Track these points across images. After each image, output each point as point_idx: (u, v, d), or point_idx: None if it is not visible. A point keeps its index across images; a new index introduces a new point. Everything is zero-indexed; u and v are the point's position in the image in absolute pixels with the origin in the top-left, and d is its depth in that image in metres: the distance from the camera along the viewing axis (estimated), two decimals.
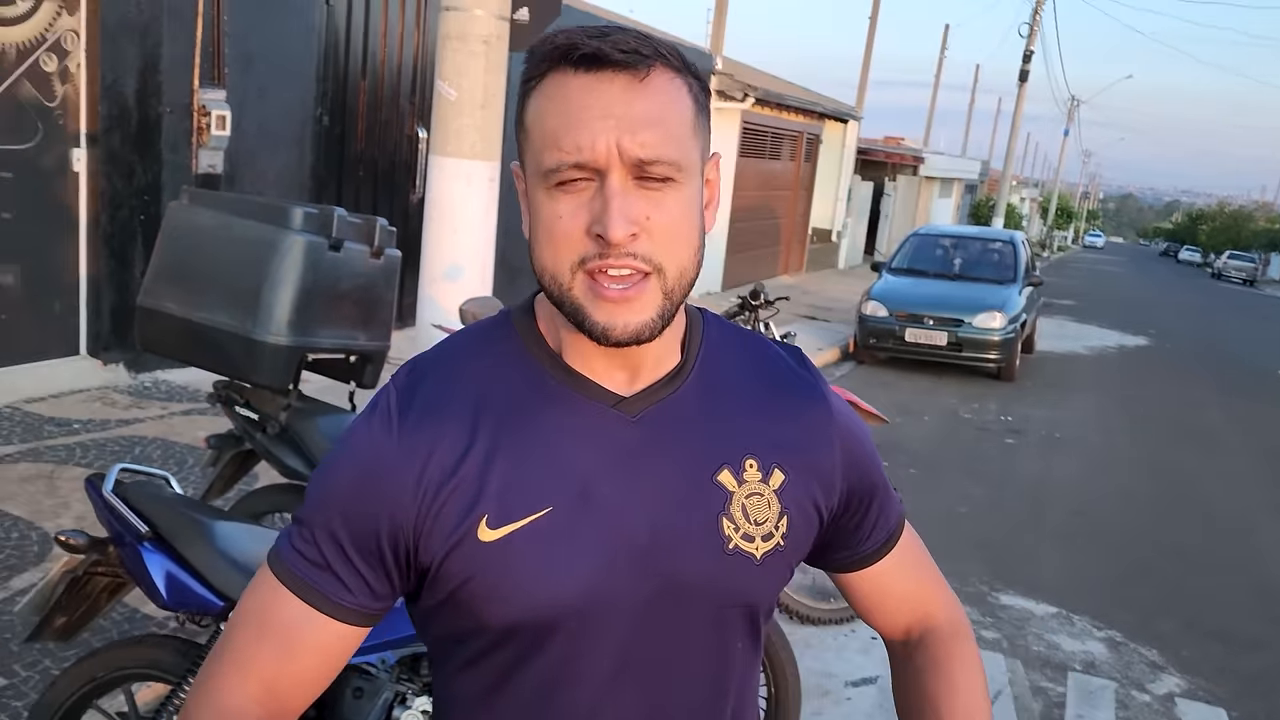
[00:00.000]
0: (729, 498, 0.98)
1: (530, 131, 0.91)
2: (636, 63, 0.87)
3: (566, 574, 0.92)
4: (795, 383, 1.07)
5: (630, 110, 0.86)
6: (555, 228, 0.89)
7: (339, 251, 3.27)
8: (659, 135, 0.87)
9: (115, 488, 2.38)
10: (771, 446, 1.01)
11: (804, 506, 1.03)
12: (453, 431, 0.94)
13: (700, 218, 0.94)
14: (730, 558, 0.97)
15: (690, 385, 1.00)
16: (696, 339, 1.03)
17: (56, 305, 5.94)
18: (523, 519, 0.92)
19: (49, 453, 4.83)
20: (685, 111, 0.91)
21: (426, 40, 8.23)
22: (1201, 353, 15.88)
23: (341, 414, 3.41)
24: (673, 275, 0.90)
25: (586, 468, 0.94)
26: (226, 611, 2.27)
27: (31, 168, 5.66)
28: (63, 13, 5.67)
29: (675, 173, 0.88)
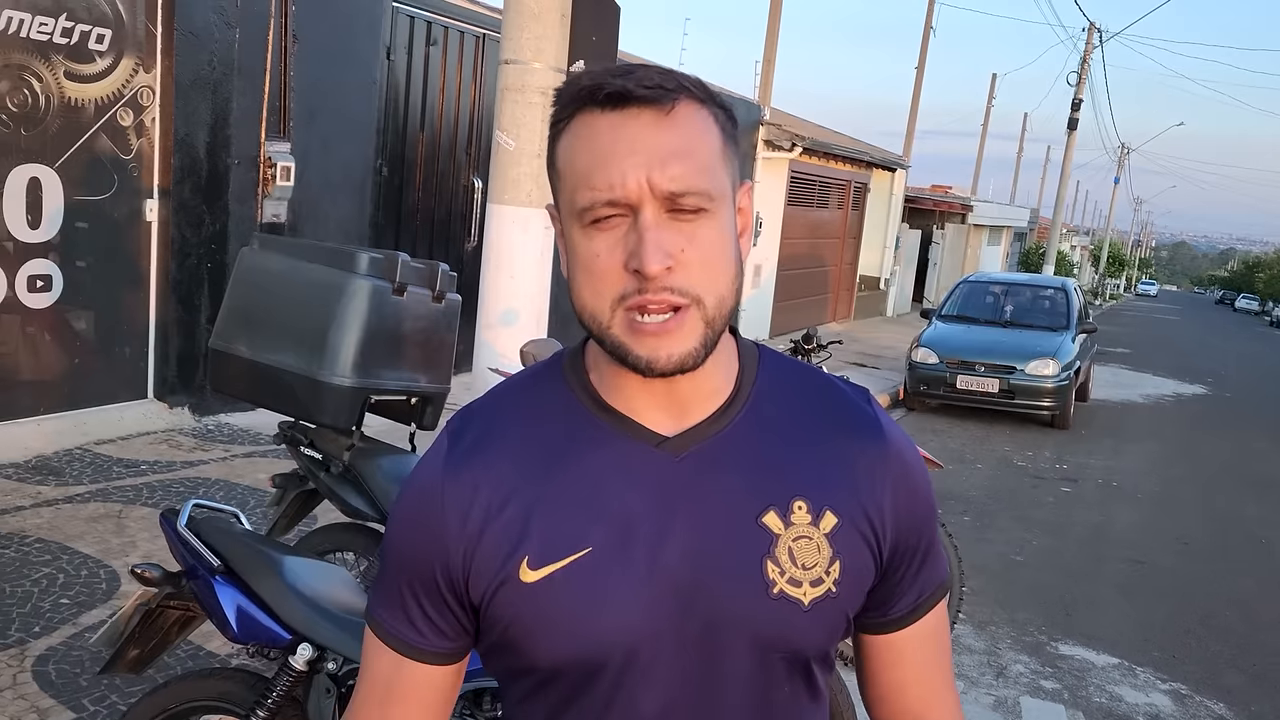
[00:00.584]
0: (774, 540, 0.95)
1: (562, 172, 0.93)
2: (660, 97, 0.88)
3: (607, 613, 0.93)
4: (854, 420, 1.02)
5: (658, 144, 0.87)
6: (593, 266, 0.90)
7: (403, 295, 3.36)
8: (688, 167, 0.88)
9: (188, 523, 2.45)
10: (824, 488, 0.98)
11: (859, 552, 0.98)
12: (497, 473, 0.97)
13: (735, 246, 0.94)
14: (775, 602, 0.94)
15: (739, 423, 0.99)
16: (750, 375, 1.02)
17: (126, 350, 6.13)
18: (563, 559, 0.93)
19: (117, 493, 4.96)
20: (713, 142, 0.91)
21: (483, 93, 8.43)
22: (1262, 401, 15.53)
23: (402, 455, 3.47)
24: (712, 305, 0.90)
25: (627, 508, 0.94)
26: (294, 645, 2.31)
27: (106, 218, 5.88)
28: (139, 70, 5.91)
29: (707, 203, 0.89)
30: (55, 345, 5.73)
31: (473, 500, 0.96)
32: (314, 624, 2.32)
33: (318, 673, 2.36)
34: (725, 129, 0.94)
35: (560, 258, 0.98)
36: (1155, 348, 23.82)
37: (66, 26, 5.49)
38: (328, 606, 2.35)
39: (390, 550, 1.01)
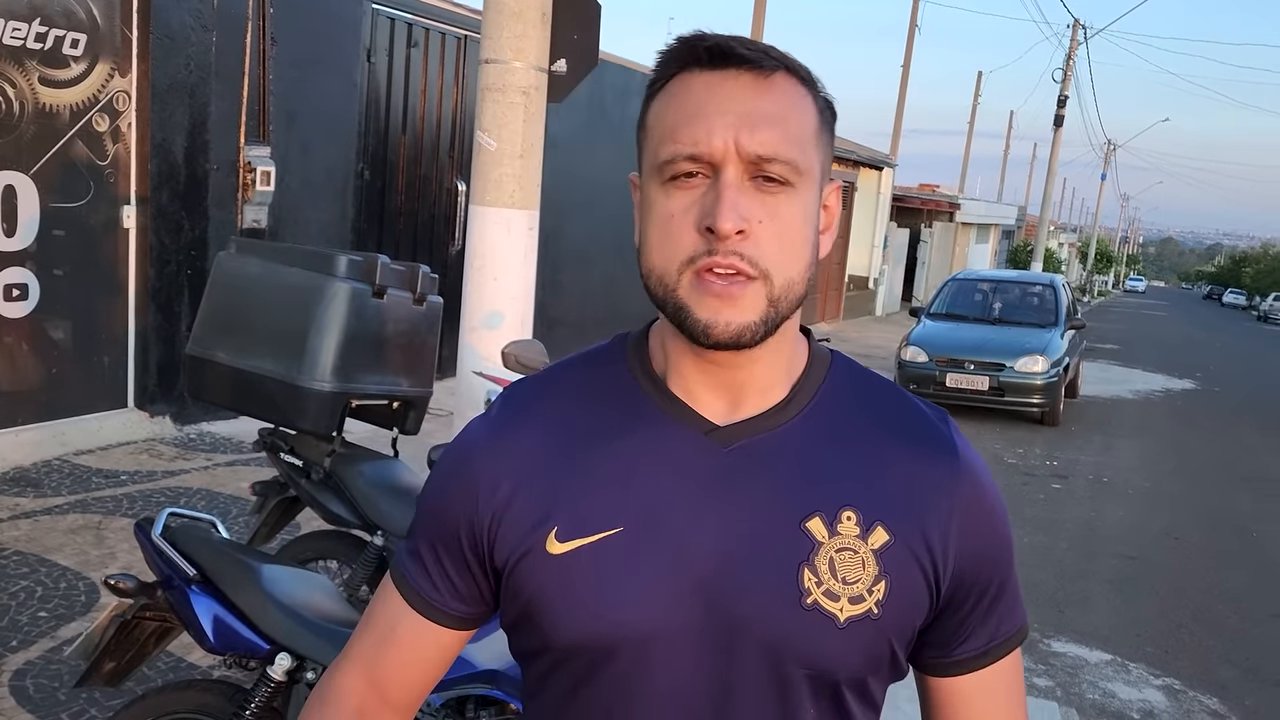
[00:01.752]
0: (815, 548, 0.90)
1: (650, 129, 0.91)
2: (762, 61, 0.86)
3: (628, 596, 0.90)
4: (925, 438, 0.96)
5: (751, 106, 0.85)
6: (667, 225, 0.88)
7: (383, 298, 3.31)
8: (778, 134, 0.85)
9: (164, 532, 2.40)
10: (878, 502, 0.92)
11: (910, 575, 0.91)
12: (538, 442, 0.96)
13: (814, 235, 0.91)
14: (807, 613, 0.88)
15: (797, 423, 0.94)
16: (817, 377, 0.97)
17: (105, 359, 6.06)
18: (592, 535, 0.91)
19: (96, 504, 4.89)
20: (808, 118, 0.89)
21: (465, 95, 8.38)
22: (1251, 396, 15.57)
23: (384, 460, 3.42)
24: (779, 284, 0.87)
25: (665, 493, 0.91)
26: (273, 655, 2.27)
27: (83, 225, 5.81)
28: (115, 75, 5.85)
29: (793, 175, 0.86)
30: (33, 355, 5.65)
31: (509, 465, 0.95)
32: (293, 633, 2.28)
33: (297, 683, 2.32)
34: (823, 114, 0.91)
35: (635, 227, 0.96)
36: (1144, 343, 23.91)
37: (40, 31, 5.43)
38: (307, 615, 2.31)
39: (422, 503, 1.02)
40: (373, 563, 3.24)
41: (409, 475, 3.38)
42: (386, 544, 3.21)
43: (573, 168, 9.73)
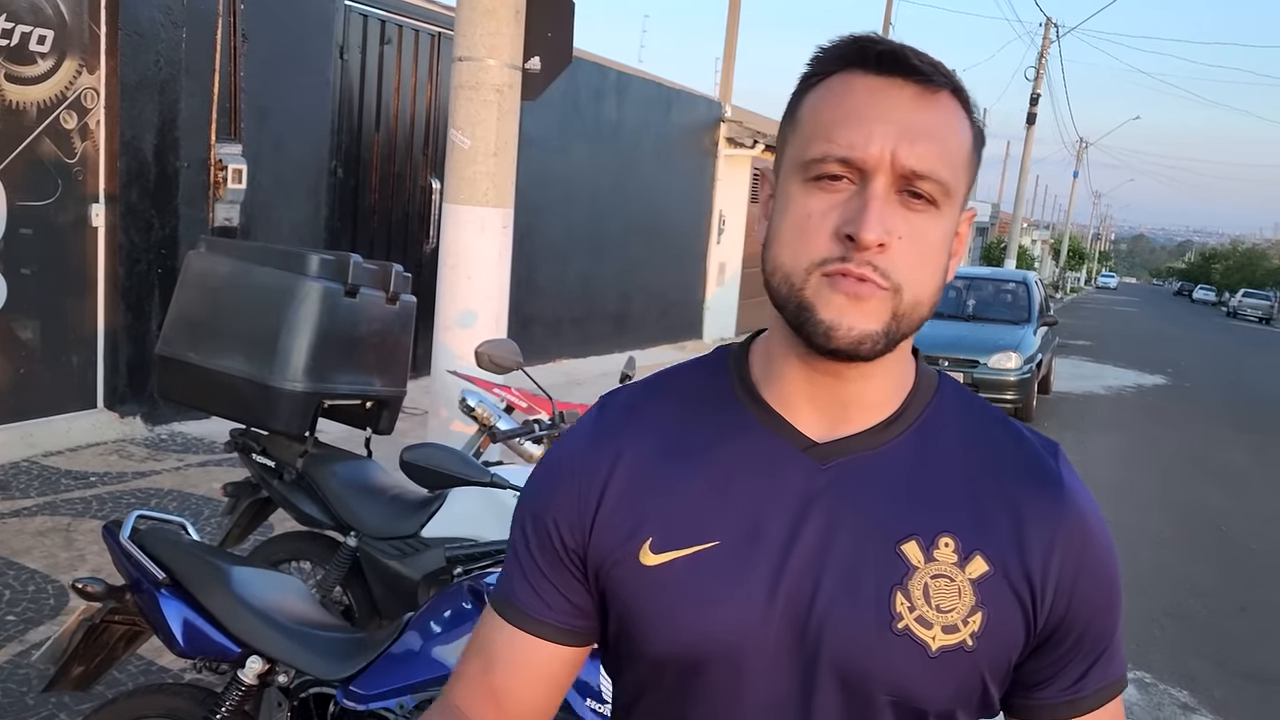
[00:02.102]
0: (910, 572, 0.87)
1: (801, 123, 0.88)
2: (932, 76, 0.84)
3: (719, 611, 0.89)
4: (1032, 470, 0.92)
5: (914, 119, 0.83)
6: (804, 225, 0.85)
7: (355, 298, 3.29)
8: (936, 151, 0.83)
9: (132, 534, 2.37)
10: (979, 531, 0.89)
11: (1008, 610, 0.88)
12: (638, 448, 0.95)
13: (946, 257, 0.89)
14: (897, 639, 0.86)
15: (899, 444, 0.92)
16: (923, 399, 0.95)
17: (74, 359, 5.98)
18: (686, 548, 0.90)
19: (65, 506, 4.83)
20: (964, 143, 0.87)
21: (439, 93, 8.34)
22: (1221, 391, 15.75)
23: (357, 460, 3.40)
24: (908, 300, 0.85)
25: (761, 508, 0.90)
26: (243, 658, 2.25)
27: (51, 224, 5.73)
28: (83, 71, 5.77)
29: (941, 196, 0.85)
30: (0, 355, 5.57)
31: (607, 471, 0.94)
32: (264, 636, 2.26)
33: (269, 686, 2.30)
34: (976, 141, 0.90)
35: (760, 221, 0.94)
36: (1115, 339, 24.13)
37: (6, 27, 5.35)
38: (278, 618, 2.29)
39: (519, 510, 1.01)
40: (346, 563, 3.22)
41: (382, 475, 3.37)
42: (360, 544, 3.19)
43: (547, 166, 9.70)
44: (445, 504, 3.11)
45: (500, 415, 3.98)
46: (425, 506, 3.15)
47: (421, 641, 2.15)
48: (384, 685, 2.15)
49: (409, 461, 2.26)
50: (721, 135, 13.54)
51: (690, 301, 13.55)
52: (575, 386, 8.98)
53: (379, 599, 3.21)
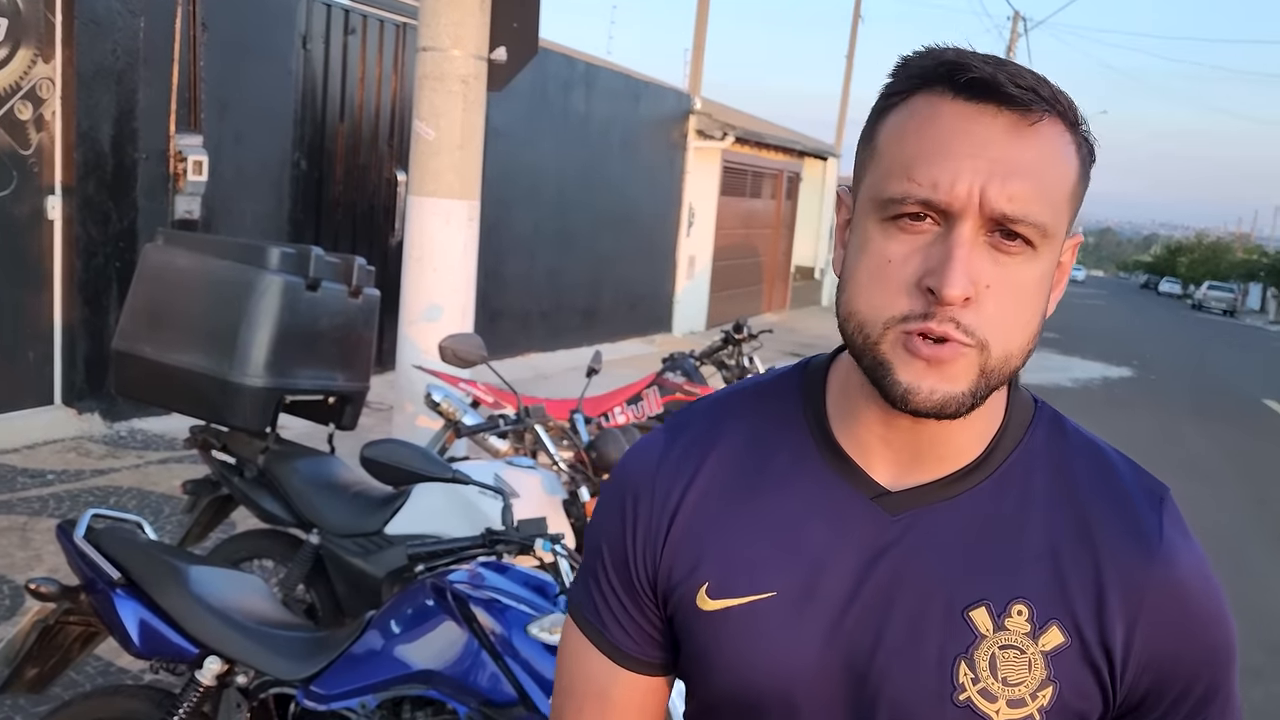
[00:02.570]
0: (977, 640, 0.81)
1: (880, 152, 0.80)
2: (1031, 103, 0.75)
3: (776, 662, 0.85)
4: (1123, 522, 0.83)
5: (1008, 155, 0.74)
6: (882, 272, 0.78)
7: (317, 291, 3.24)
8: (1032, 190, 0.75)
9: (87, 534, 2.33)
10: (1057, 596, 0.81)
11: (1084, 684, 0.81)
12: (705, 478, 0.91)
13: (1045, 300, 0.81)
14: (957, 710, 0.80)
15: (976, 493, 0.84)
16: (1013, 440, 0.86)
17: (30, 354, 5.86)
18: (743, 597, 0.86)
19: (22, 505, 4.73)
20: (1068, 175, 0.78)
21: (404, 84, 8.25)
22: (1186, 383, 15.96)
23: (320, 457, 3.35)
24: (997, 356, 0.77)
25: (822, 560, 0.85)
26: (201, 659, 2.21)
27: (5, 216, 5.61)
28: (38, 60, 5.65)
29: (1038, 238, 0.76)
30: None
31: (675, 502, 0.91)
32: (222, 636, 2.22)
33: (228, 686, 2.26)
34: (1084, 165, 0.80)
35: (835, 249, 0.87)
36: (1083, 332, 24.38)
37: None
38: (237, 617, 2.25)
39: (590, 538, 0.98)
40: (309, 561, 3.17)
41: (345, 472, 3.32)
42: (323, 542, 3.14)
43: (515, 158, 9.64)
44: (409, 500, 3.08)
45: (466, 410, 3.94)
46: (389, 503, 3.11)
47: (383, 641, 2.12)
48: (345, 685, 2.12)
49: (370, 458, 2.23)
50: (691, 127, 13.52)
51: (660, 295, 13.53)
52: (543, 380, 8.94)
53: (342, 597, 3.17)
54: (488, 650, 1.99)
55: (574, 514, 3.06)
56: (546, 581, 2.12)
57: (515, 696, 1.95)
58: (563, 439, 3.58)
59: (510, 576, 2.12)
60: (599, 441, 3.19)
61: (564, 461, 3.25)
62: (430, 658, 2.05)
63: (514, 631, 1.97)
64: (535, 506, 2.89)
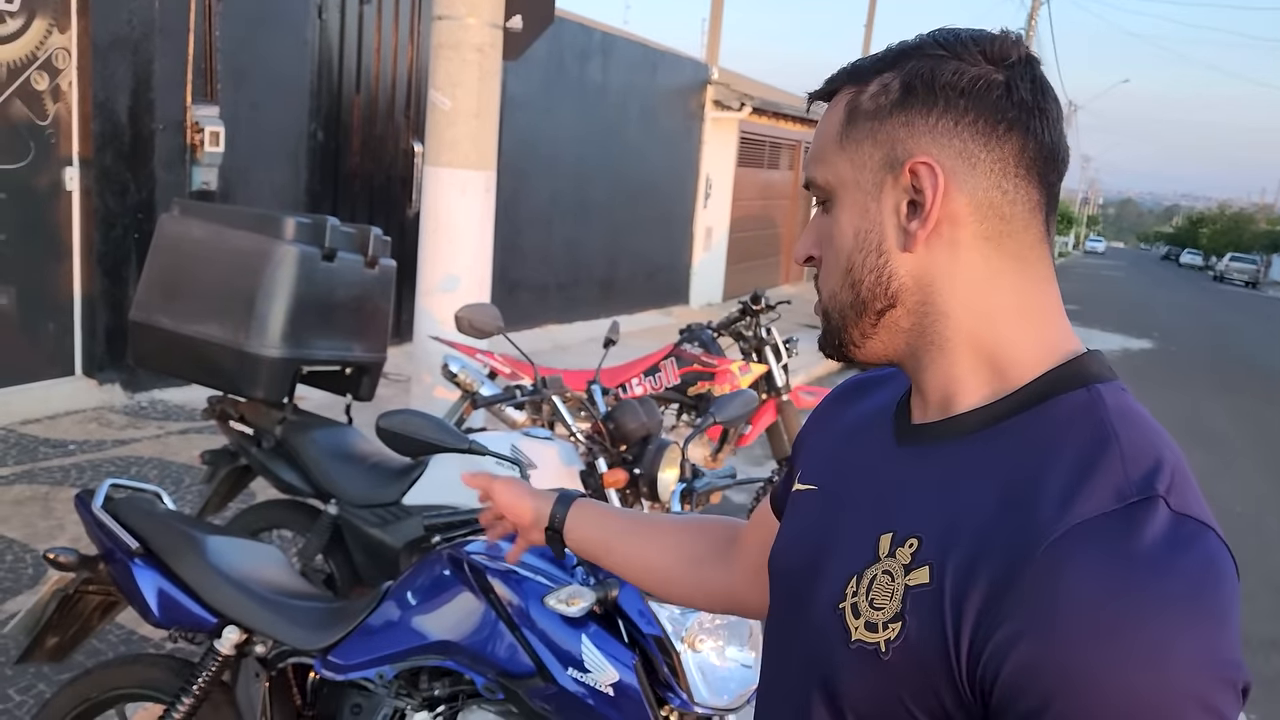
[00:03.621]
0: (870, 561, 0.86)
1: None
2: (827, 95, 0.93)
3: (787, 540, 1.01)
4: (1049, 504, 0.75)
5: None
6: None
7: (333, 261, 3.23)
8: (813, 156, 0.92)
9: (105, 504, 2.33)
10: (945, 544, 0.79)
11: (930, 640, 0.77)
12: (839, 410, 1.08)
13: (856, 236, 0.88)
14: (835, 618, 0.86)
15: (961, 442, 0.85)
16: (1033, 396, 0.83)
17: (51, 325, 5.89)
18: (804, 484, 1.02)
19: (44, 474, 4.77)
20: (830, 127, 0.91)
21: (420, 53, 8.20)
22: (1207, 355, 15.81)
23: (337, 427, 3.35)
24: (825, 296, 0.93)
25: (847, 467, 0.98)
26: (220, 628, 2.21)
27: (24, 188, 5.62)
28: (53, 31, 5.63)
29: (825, 194, 0.91)
30: None
31: (815, 425, 1.10)
32: (240, 606, 2.22)
33: (246, 656, 2.27)
34: (859, 106, 0.88)
35: None
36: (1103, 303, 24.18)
37: None
38: (255, 587, 2.25)
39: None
40: (327, 531, 3.18)
41: (363, 443, 3.32)
42: (340, 512, 3.14)
43: (532, 129, 9.58)
44: (426, 471, 3.07)
45: (483, 381, 3.93)
46: (406, 474, 3.10)
47: (400, 611, 2.12)
48: (363, 655, 2.12)
49: (385, 428, 2.21)
50: (708, 98, 13.41)
51: (677, 266, 13.48)
52: (561, 352, 8.93)
53: (360, 567, 3.17)
54: (505, 621, 1.99)
55: (591, 485, 3.05)
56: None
57: (533, 667, 1.95)
58: (580, 410, 3.57)
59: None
60: (616, 412, 3.17)
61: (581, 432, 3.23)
62: (448, 628, 2.05)
63: (531, 603, 1.96)
64: (552, 477, 2.88)
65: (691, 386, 4.85)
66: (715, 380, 4.79)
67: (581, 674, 1.91)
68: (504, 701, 2.02)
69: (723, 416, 2.90)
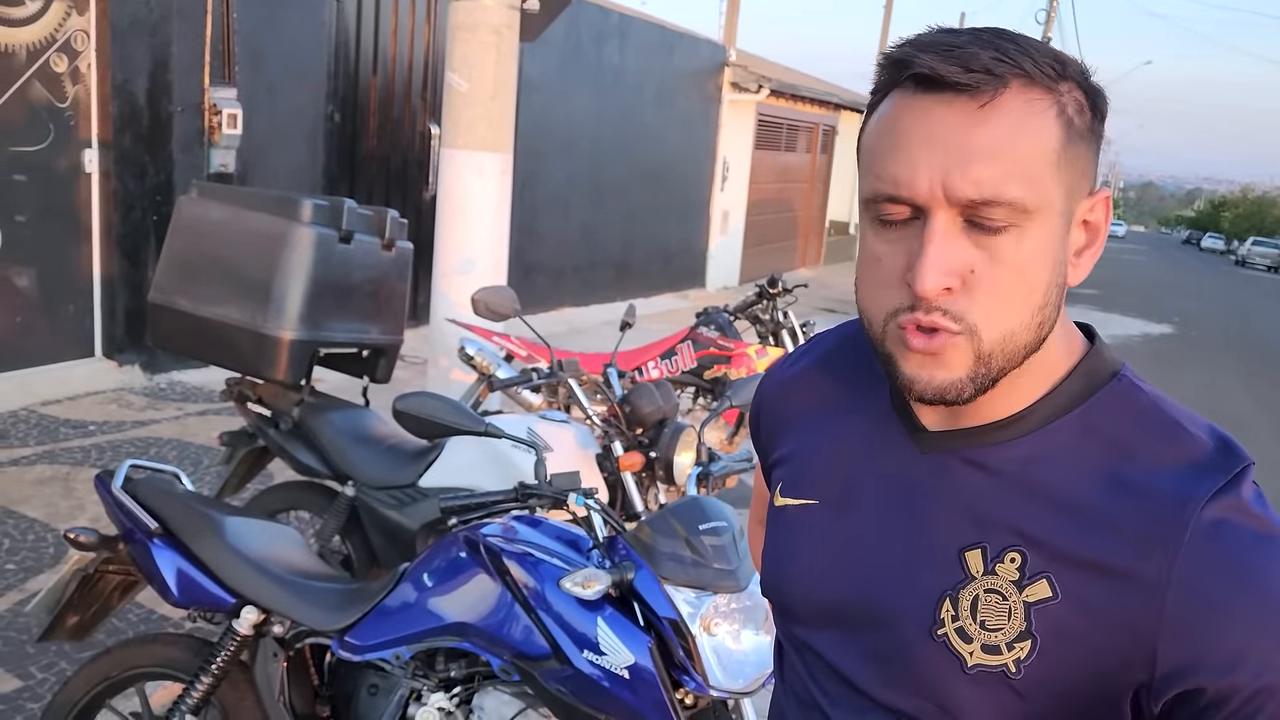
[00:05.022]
0: (965, 581, 0.81)
1: (861, 154, 0.84)
2: (979, 85, 0.74)
3: (799, 565, 0.94)
4: (1161, 488, 0.77)
5: (964, 141, 0.74)
6: (872, 271, 0.81)
7: (350, 244, 3.23)
8: (999, 171, 0.74)
9: (125, 484, 2.35)
10: (1056, 552, 0.78)
11: (1074, 648, 0.77)
12: (804, 389, 1.02)
13: (1053, 269, 0.79)
14: (936, 644, 0.82)
15: (1010, 446, 0.83)
16: (1069, 399, 0.83)
17: (71, 307, 5.93)
18: (797, 499, 0.96)
19: (65, 455, 4.81)
20: (1043, 141, 0.75)
21: (437, 35, 8.18)
22: (1228, 340, 15.67)
23: (354, 409, 3.36)
24: (990, 339, 0.77)
25: (858, 482, 0.92)
26: (238, 609, 2.23)
27: (44, 170, 5.65)
28: (72, 13, 5.65)
29: (1018, 217, 0.75)
30: None
31: (780, 402, 1.04)
32: (258, 586, 2.24)
33: (264, 636, 2.28)
34: (1073, 122, 0.77)
35: None
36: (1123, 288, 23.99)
37: None
38: (272, 568, 2.26)
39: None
40: (344, 513, 3.19)
41: (380, 425, 3.33)
42: (358, 494, 3.16)
43: (549, 111, 9.56)
44: (443, 453, 3.08)
45: (499, 364, 3.93)
46: (423, 456, 3.11)
47: (416, 593, 2.12)
48: (379, 636, 2.13)
49: (401, 411, 2.22)
50: (725, 80, 13.33)
51: (693, 250, 13.45)
52: (578, 335, 8.93)
53: (377, 548, 3.19)
54: (521, 603, 1.99)
55: (607, 468, 3.05)
56: (579, 536, 2.11)
57: (548, 649, 1.95)
58: (596, 393, 3.56)
59: (543, 530, 2.11)
60: (632, 395, 3.17)
61: (597, 415, 3.23)
62: (464, 610, 2.06)
63: (547, 585, 1.97)
64: (568, 460, 2.88)
65: (708, 370, 4.84)
66: (732, 363, 4.78)
67: (597, 656, 1.91)
68: (519, 683, 2.03)
69: (739, 400, 2.89)
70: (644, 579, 1.95)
